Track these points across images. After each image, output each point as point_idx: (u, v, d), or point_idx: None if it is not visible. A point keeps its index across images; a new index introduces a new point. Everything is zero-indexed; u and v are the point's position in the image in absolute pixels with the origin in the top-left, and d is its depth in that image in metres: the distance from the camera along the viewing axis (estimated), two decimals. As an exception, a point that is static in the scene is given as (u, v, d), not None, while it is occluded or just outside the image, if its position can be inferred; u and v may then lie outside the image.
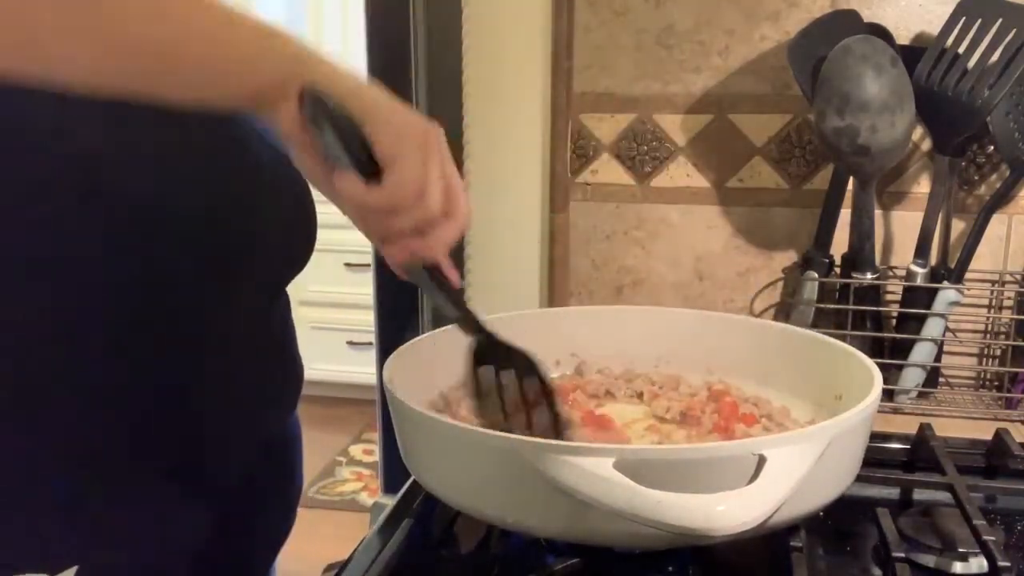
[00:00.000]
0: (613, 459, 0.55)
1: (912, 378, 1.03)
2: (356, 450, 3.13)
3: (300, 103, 0.50)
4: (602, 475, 0.55)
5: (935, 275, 1.04)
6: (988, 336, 1.09)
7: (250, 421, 0.72)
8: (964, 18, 0.96)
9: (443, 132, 0.55)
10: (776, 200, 1.12)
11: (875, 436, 0.70)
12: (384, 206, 0.52)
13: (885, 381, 0.71)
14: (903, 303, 1.05)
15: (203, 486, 0.68)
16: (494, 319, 0.89)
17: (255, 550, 0.79)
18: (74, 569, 0.60)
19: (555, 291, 1.15)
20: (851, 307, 1.02)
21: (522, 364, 0.65)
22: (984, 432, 0.88)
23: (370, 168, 0.51)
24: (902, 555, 0.66)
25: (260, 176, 0.69)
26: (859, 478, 0.69)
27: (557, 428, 0.66)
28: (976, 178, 1.07)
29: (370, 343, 1.18)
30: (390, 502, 0.81)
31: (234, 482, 0.71)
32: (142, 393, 0.62)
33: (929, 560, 0.69)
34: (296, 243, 0.75)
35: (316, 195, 0.74)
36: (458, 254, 1.16)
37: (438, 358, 0.83)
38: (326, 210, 0.77)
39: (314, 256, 0.79)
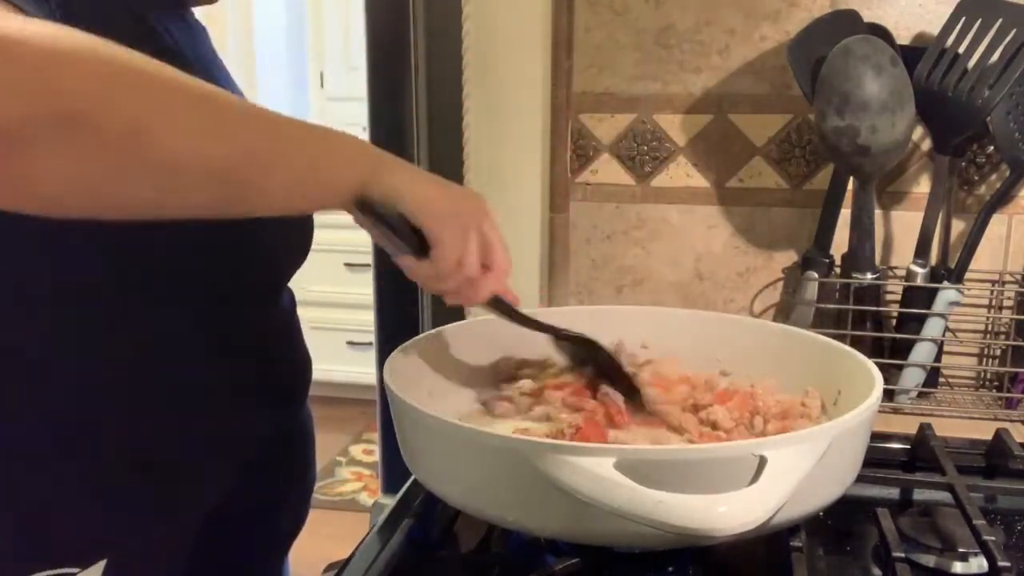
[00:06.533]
0: (613, 459, 0.55)
1: (912, 378, 1.03)
2: (356, 450, 3.14)
3: (360, 207, 0.62)
4: (602, 475, 0.55)
5: (935, 275, 1.04)
6: (988, 336, 1.09)
7: (259, 416, 0.73)
8: (964, 18, 0.96)
9: (485, 202, 0.68)
10: (776, 200, 1.12)
11: (875, 436, 0.70)
12: (433, 276, 0.65)
13: (885, 381, 0.71)
14: (903, 303, 1.05)
15: (214, 482, 0.69)
16: (495, 319, 0.89)
17: (270, 541, 0.80)
18: (103, 562, 0.62)
19: (555, 291, 1.15)
20: (851, 307, 1.02)
21: (590, 345, 0.81)
22: (984, 432, 0.88)
23: (421, 244, 0.64)
24: (902, 555, 0.66)
25: None
26: (859, 478, 0.69)
27: (632, 387, 0.79)
28: (976, 178, 1.07)
29: (370, 343, 1.17)
30: (390, 502, 0.81)
31: (245, 477, 0.72)
32: (149, 391, 0.64)
33: (929, 560, 0.69)
34: (296, 234, 0.76)
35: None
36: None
37: (438, 358, 0.83)
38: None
39: (314, 256, 0.80)
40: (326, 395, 3.27)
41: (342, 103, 3.44)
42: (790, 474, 0.57)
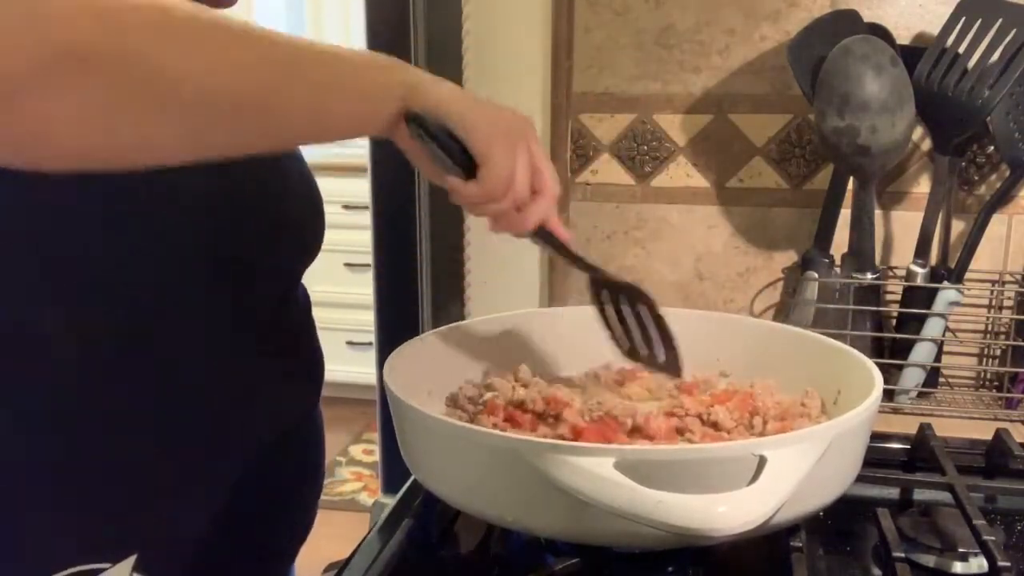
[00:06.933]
0: (613, 459, 0.55)
1: (912, 378, 1.03)
2: (356, 450, 3.14)
3: (407, 123, 0.60)
4: (602, 475, 0.55)
5: (935, 275, 1.04)
6: (988, 336, 1.09)
7: (271, 413, 0.73)
8: (964, 18, 0.96)
9: (532, 123, 0.65)
10: (776, 200, 1.12)
11: (875, 436, 0.70)
12: (482, 197, 0.62)
13: (885, 381, 0.71)
14: (903, 303, 1.05)
15: (227, 478, 0.69)
16: (495, 319, 0.89)
17: (283, 538, 0.79)
18: (134, 557, 0.62)
19: (555, 291, 1.15)
20: (851, 307, 1.02)
21: (630, 292, 0.76)
22: (984, 432, 0.88)
23: (470, 165, 0.62)
24: (902, 555, 0.66)
25: (275, 166, 0.71)
26: (859, 478, 0.69)
27: (667, 341, 0.77)
28: (976, 178, 1.07)
29: (370, 343, 1.18)
30: (390, 502, 0.81)
31: (258, 473, 0.72)
32: (163, 389, 0.64)
33: (929, 560, 0.69)
34: (308, 232, 0.76)
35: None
36: (458, 254, 1.16)
37: (438, 358, 0.83)
38: (327, 211, 0.78)
39: (314, 256, 0.79)
40: (326, 395, 3.25)
41: (342, 103, 3.44)
42: (790, 474, 0.57)
